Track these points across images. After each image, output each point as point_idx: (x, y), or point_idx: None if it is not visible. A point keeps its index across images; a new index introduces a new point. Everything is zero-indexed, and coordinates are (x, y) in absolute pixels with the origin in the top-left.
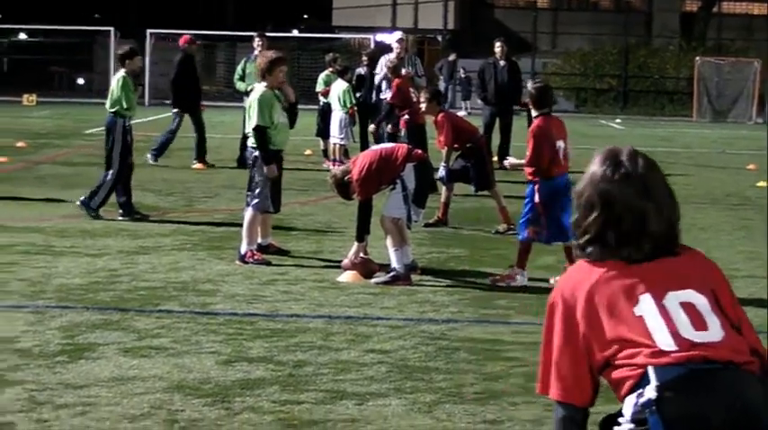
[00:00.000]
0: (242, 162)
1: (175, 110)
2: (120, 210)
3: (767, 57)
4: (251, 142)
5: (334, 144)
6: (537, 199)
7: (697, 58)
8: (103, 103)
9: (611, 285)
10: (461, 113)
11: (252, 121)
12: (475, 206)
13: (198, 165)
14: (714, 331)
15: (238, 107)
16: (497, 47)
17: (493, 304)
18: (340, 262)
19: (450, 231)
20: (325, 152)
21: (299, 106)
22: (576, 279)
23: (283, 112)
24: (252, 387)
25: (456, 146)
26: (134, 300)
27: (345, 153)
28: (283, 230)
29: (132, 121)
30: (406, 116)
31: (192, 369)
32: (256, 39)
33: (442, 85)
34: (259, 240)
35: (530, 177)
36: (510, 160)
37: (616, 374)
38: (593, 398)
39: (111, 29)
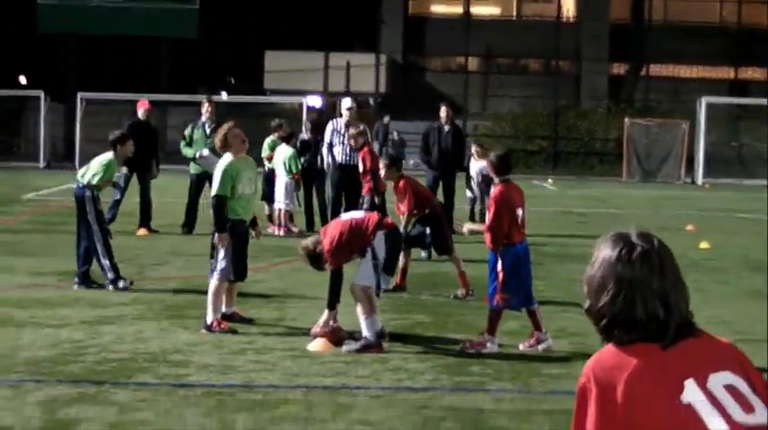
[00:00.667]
0: (188, 226)
1: (125, 172)
2: (77, 279)
3: (694, 118)
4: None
5: (279, 209)
6: (500, 266)
7: (626, 119)
8: (35, 168)
9: (651, 372)
10: None
11: (213, 189)
12: (430, 271)
13: (141, 232)
14: (760, 413)
15: (177, 170)
16: (443, 111)
17: (467, 370)
18: (305, 329)
19: (408, 297)
20: (270, 217)
21: None
22: (610, 363)
23: (250, 182)
24: None
25: (415, 212)
26: (106, 372)
27: (290, 218)
28: (239, 298)
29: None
30: (369, 183)
31: None
32: (205, 104)
33: (376, 148)
34: (223, 309)
35: (490, 245)
36: (467, 226)
37: None
38: None
39: (41, 93)
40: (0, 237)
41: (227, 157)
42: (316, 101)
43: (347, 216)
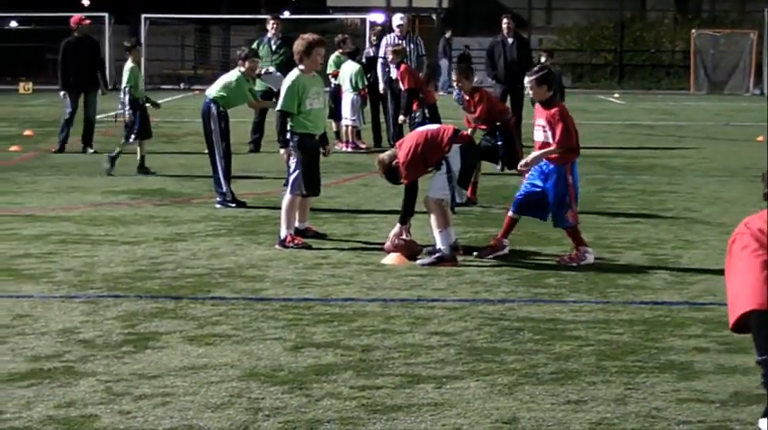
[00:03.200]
0: (255, 144)
1: (62, 92)
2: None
3: (762, 28)
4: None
5: (347, 126)
6: (570, 181)
7: (693, 30)
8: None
9: None
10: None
11: (278, 104)
12: (501, 184)
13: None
14: None
15: None
16: (504, 24)
17: (543, 283)
18: (379, 244)
19: (480, 210)
20: (338, 134)
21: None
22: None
23: (319, 97)
24: (326, 373)
25: (485, 125)
26: (183, 287)
27: (358, 134)
28: (312, 213)
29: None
30: (420, 96)
31: (261, 356)
32: (271, 21)
33: (444, 64)
34: (296, 224)
35: (557, 161)
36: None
37: None
38: None
39: (106, 14)
40: (70, 158)
41: (295, 73)
42: (378, 17)
43: (423, 128)
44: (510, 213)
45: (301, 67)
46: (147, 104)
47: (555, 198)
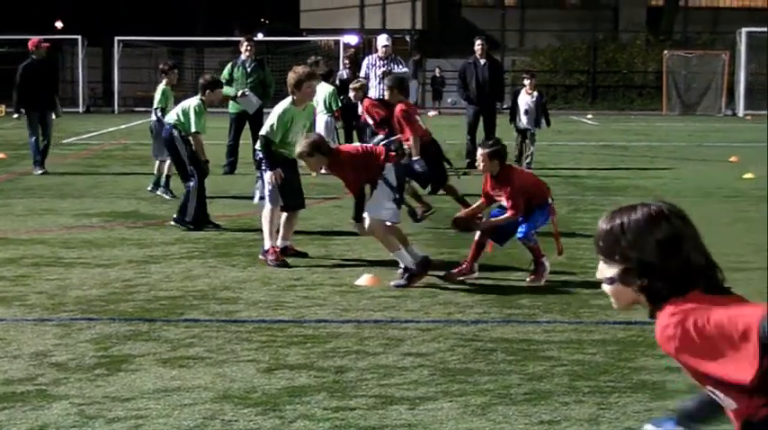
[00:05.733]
0: (230, 166)
1: (15, 114)
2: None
3: (734, 49)
4: (258, 145)
5: None
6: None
7: (665, 51)
8: (75, 113)
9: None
10: (432, 114)
11: (263, 128)
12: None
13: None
14: None
15: (210, 113)
16: (477, 45)
17: (516, 304)
18: (352, 265)
19: (454, 232)
20: None
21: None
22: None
23: (303, 130)
24: (299, 394)
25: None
26: (157, 309)
27: None
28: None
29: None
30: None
31: (234, 378)
32: (245, 43)
33: (413, 85)
34: (278, 242)
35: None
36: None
37: None
38: None
39: (79, 37)
40: (44, 181)
41: (287, 102)
42: (352, 39)
43: (356, 145)
44: (476, 238)
45: (292, 98)
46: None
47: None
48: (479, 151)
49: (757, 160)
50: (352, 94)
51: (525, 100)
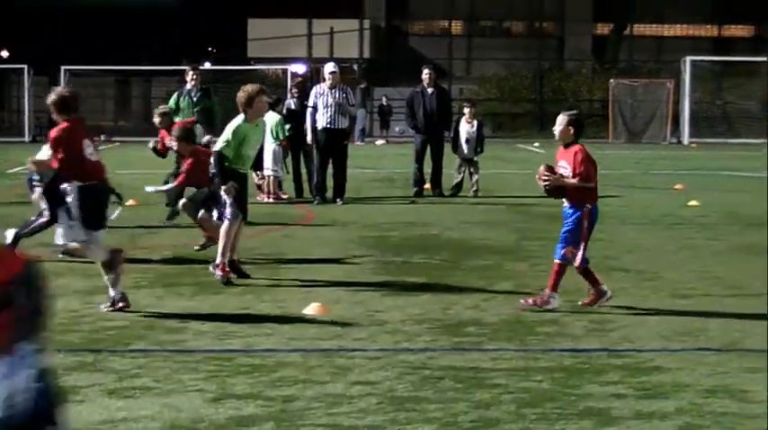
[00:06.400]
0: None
1: None
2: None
3: (678, 77)
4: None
5: (268, 176)
6: (586, 224)
7: (611, 80)
8: (20, 142)
9: None
10: (380, 142)
11: (217, 144)
12: (420, 234)
13: None
14: None
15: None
16: (425, 74)
17: (464, 331)
18: (300, 295)
19: (401, 260)
20: (259, 186)
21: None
22: None
23: (256, 145)
24: (247, 424)
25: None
26: (103, 340)
27: (279, 185)
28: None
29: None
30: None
31: (181, 408)
32: (191, 72)
33: (360, 114)
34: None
35: (574, 203)
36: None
37: None
38: None
39: (25, 66)
40: None
41: (240, 119)
42: (299, 68)
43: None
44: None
45: (243, 116)
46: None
47: (564, 229)
48: (560, 115)
49: (702, 188)
50: (156, 120)
51: (466, 128)
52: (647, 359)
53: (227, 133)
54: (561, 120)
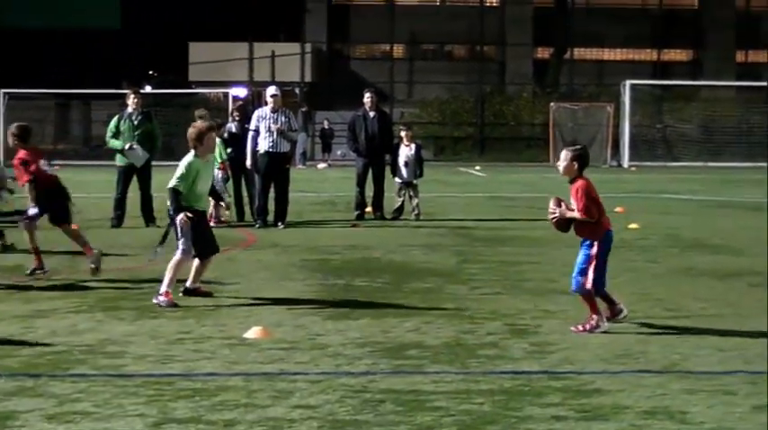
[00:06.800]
0: (118, 220)
1: None
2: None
3: (618, 101)
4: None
5: (208, 200)
6: (598, 249)
7: (551, 103)
8: None
9: None
10: (321, 166)
11: (170, 181)
12: (363, 257)
13: None
14: None
15: (98, 165)
16: (367, 98)
17: (405, 354)
18: (241, 318)
19: (343, 283)
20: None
21: (163, 162)
22: None
23: (208, 180)
24: None
25: None
26: (43, 364)
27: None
28: (178, 284)
29: None
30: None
31: None
32: (131, 96)
33: (302, 137)
34: (188, 284)
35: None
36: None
37: None
38: None
39: None
40: None
41: (191, 156)
42: (240, 91)
43: None
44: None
45: (195, 152)
46: None
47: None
48: (564, 151)
49: (642, 211)
50: (9, 140)
51: (404, 152)
52: (587, 381)
53: (180, 170)
54: (565, 155)
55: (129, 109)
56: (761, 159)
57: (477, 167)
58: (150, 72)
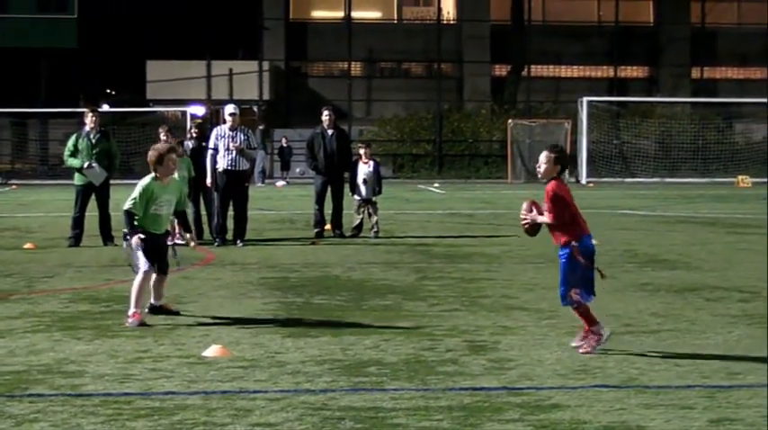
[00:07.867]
0: (75, 239)
1: None
2: None
3: (576, 117)
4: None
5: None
6: (582, 260)
7: (509, 120)
8: None
9: None
10: (280, 184)
11: (126, 203)
12: (323, 275)
13: None
14: None
15: (55, 184)
16: (325, 115)
17: (364, 372)
18: (199, 336)
19: (302, 301)
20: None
21: (122, 181)
22: None
23: (169, 204)
24: None
25: None
26: (1, 385)
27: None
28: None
29: None
30: None
31: None
32: (89, 114)
33: (260, 155)
34: (153, 301)
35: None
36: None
37: None
38: None
39: None
40: None
41: (149, 178)
42: (198, 110)
43: None
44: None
45: (155, 174)
46: None
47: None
48: (544, 153)
49: (599, 226)
50: None
51: (363, 170)
52: (545, 396)
53: (136, 191)
54: (547, 157)
55: (87, 127)
56: (717, 175)
57: (436, 184)
58: (108, 90)
